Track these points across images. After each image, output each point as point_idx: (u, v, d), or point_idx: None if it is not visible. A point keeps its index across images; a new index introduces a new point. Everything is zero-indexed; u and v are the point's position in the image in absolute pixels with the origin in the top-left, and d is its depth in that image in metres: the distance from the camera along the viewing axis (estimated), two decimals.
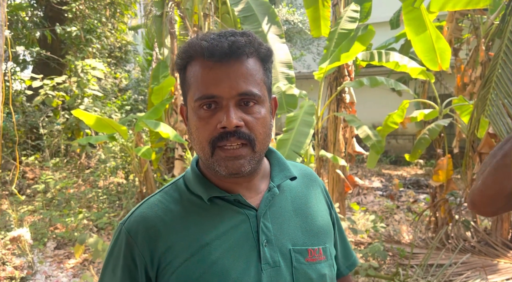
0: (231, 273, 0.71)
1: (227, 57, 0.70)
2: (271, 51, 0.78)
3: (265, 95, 0.75)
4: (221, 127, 0.70)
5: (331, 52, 3.72)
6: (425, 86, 7.20)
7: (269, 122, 0.76)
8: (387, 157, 10.46)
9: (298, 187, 0.86)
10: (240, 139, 0.71)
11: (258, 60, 0.75)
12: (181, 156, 5.00)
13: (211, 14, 5.19)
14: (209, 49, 0.70)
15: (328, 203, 0.91)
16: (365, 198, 6.26)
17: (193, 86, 0.74)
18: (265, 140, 0.75)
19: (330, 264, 0.82)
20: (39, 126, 6.48)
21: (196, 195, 0.78)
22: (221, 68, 0.71)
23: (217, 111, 0.71)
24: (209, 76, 0.71)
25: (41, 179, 5.52)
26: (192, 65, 0.74)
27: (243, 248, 0.74)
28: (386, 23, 7.56)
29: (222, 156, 0.71)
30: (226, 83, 0.70)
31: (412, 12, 3.51)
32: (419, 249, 3.74)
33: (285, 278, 0.75)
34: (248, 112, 0.72)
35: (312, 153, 4.14)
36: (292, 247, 0.77)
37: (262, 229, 0.76)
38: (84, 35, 7.08)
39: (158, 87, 4.75)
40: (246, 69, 0.72)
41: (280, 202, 0.81)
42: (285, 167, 0.85)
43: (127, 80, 9.47)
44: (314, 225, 0.83)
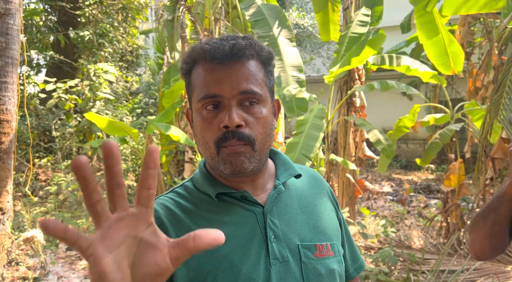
0: (242, 268, 0.73)
1: (228, 59, 0.73)
2: (272, 54, 0.80)
3: (266, 96, 0.77)
4: (223, 127, 0.72)
5: (341, 56, 3.72)
6: (436, 90, 7.14)
7: (270, 122, 0.78)
8: (397, 162, 10.38)
9: (303, 185, 0.88)
10: (240, 140, 0.73)
11: (259, 62, 0.77)
12: (191, 159, 5.03)
13: (222, 19, 5.23)
14: (211, 52, 0.73)
15: (335, 205, 0.92)
16: (375, 203, 6.21)
17: (196, 88, 0.76)
18: (265, 140, 0.77)
19: (339, 260, 0.83)
20: (52, 129, 6.59)
21: (205, 193, 0.80)
22: (222, 69, 0.73)
23: (220, 112, 0.74)
24: (211, 77, 0.74)
25: (53, 181, 5.60)
26: (195, 69, 0.77)
27: (252, 244, 0.75)
28: (396, 27, 7.54)
29: (226, 153, 0.73)
30: (228, 82, 0.73)
31: (425, 16, 3.50)
32: (430, 255, 3.70)
33: (294, 273, 0.76)
34: (249, 112, 0.74)
35: (322, 157, 4.13)
36: (300, 243, 0.79)
37: (269, 225, 0.77)
38: (96, 39, 7.19)
39: (169, 91, 4.80)
40: (247, 70, 0.75)
41: (286, 199, 0.83)
42: (290, 166, 0.87)
43: (138, 83, 9.57)
44: (321, 222, 0.84)
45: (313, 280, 0.77)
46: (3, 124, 2.71)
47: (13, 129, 2.78)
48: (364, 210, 4.73)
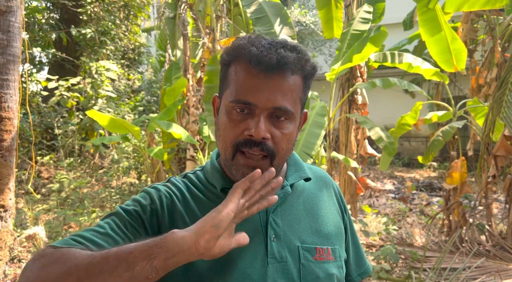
0: (238, 263, 0.73)
1: (272, 69, 0.71)
2: (316, 69, 0.79)
3: (297, 112, 0.77)
4: (248, 135, 0.72)
5: (343, 53, 3.71)
6: (438, 88, 7.12)
7: (294, 137, 0.78)
8: (399, 160, 10.35)
9: (311, 188, 0.87)
10: (263, 151, 0.72)
11: (301, 78, 0.76)
12: (192, 157, 5.03)
13: (224, 16, 5.22)
14: (257, 58, 0.71)
15: (342, 208, 0.91)
16: (377, 200, 6.20)
17: (231, 86, 0.75)
18: (286, 155, 0.77)
19: (339, 265, 0.82)
20: (54, 127, 6.60)
21: (212, 185, 0.81)
22: (264, 78, 0.72)
23: (248, 117, 0.73)
24: (250, 83, 0.72)
25: (55, 178, 5.62)
26: (236, 65, 0.75)
27: (251, 241, 0.75)
28: (399, 24, 7.51)
29: (242, 162, 0.73)
30: (265, 94, 0.72)
31: (427, 13, 3.48)
32: (432, 253, 3.70)
33: (292, 274, 0.75)
34: (277, 126, 0.73)
35: (323, 154, 4.13)
36: (300, 245, 0.78)
37: (271, 224, 0.77)
38: (98, 37, 7.20)
39: (170, 88, 4.80)
40: (287, 85, 0.73)
41: (292, 201, 0.83)
42: (300, 168, 0.86)
43: (140, 81, 9.58)
44: (324, 227, 0.84)
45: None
46: (5, 121, 2.72)
47: (15, 126, 2.79)
48: (366, 208, 4.73)
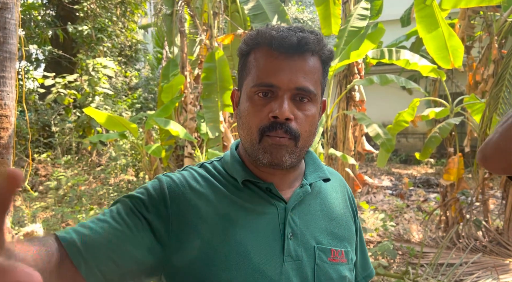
0: (253, 258, 0.72)
1: (293, 50, 0.72)
2: (333, 54, 0.79)
3: (319, 95, 0.77)
4: (272, 116, 0.72)
5: (341, 50, 3.71)
6: (436, 85, 7.13)
7: (316, 121, 0.77)
8: (397, 156, 10.39)
9: (328, 190, 0.87)
10: (287, 133, 0.72)
11: (320, 61, 0.76)
12: (190, 154, 5.03)
13: (221, 13, 5.21)
14: (278, 40, 0.72)
15: (353, 210, 0.91)
16: (374, 197, 6.23)
17: (252, 72, 0.75)
18: (309, 138, 0.76)
19: (351, 268, 0.83)
20: (51, 124, 6.58)
21: (232, 177, 0.80)
22: (285, 60, 0.72)
23: (272, 101, 0.73)
24: (271, 65, 0.73)
25: (53, 176, 5.61)
26: (256, 52, 0.76)
27: (268, 236, 0.74)
28: (396, 21, 7.50)
29: (269, 142, 0.73)
30: (287, 75, 0.72)
31: (424, 10, 3.48)
32: (429, 248, 3.72)
33: (307, 274, 0.75)
34: (300, 108, 0.74)
35: (321, 151, 4.13)
36: (316, 245, 0.78)
37: (289, 221, 0.76)
38: (95, 34, 7.16)
39: (168, 85, 4.79)
40: (308, 66, 0.74)
41: (310, 201, 0.82)
42: (320, 167, 0.86)
43: (137, 78, 9.56)
44: (339, 229, 0.84)
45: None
46: (2, 119, 2.71)
47: (11, 124, 2.78)
48: (364, 204, 4.74)
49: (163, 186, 0.75)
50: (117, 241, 0.67)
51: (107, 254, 0.66)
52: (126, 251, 0.68)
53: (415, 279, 2.88)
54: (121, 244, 0.68)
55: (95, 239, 0.67)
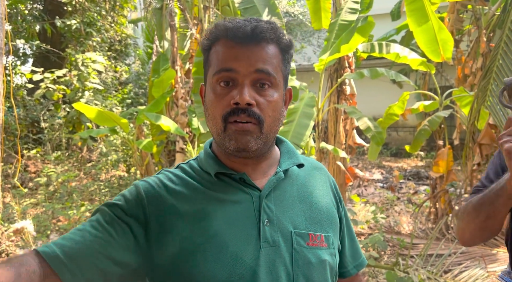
0: (230, 247, 0.74)
1: (248, 39, 0.75)
2: (292, 43, 0.82)
3: (280, 81, 0.78)
4: (234, 103, 0.73)
5: (331, 44, 3.71)
6: (426, 78, 7.19)
7: (280, 108, 0.79)
8: (387, 149, 10.47)
9: (305, 176, 0.89)
10: (250, 117, 0.74)
11: (278, 48, 0.79)
12: (182, 149, 5.02)
13: (211, 6, 5.17)
14: (233, 30, 0.75)
15: (337, 200, 0.92)
16: (365, 190, 6.29)
17: (213, 63, 0.78)
18: (274, 124, 0.78)
19: (332, 253, 0.83)
20: (40, 120, 6.50)
21: (206, 172, 0.82)
22: (242, 48, 0.75)
23: (233, 89, 0.75)
24: (229, 53, 0.76)
25: (43, 172, 5.56)
26: (216, 45, 0.79)
27: (244, 224, 0.76)
28: (387, 14, 7.53)
29: (233, 129, 0.75)
30: (245, 60, 0.75)
31: (414, 3, 3.50)
32: (419, 240, 3.78)
33: (284, 259, 0.76)
34: (261, 94, 0.76)
35: (312, 145, 4.15)
36: (293, 230, 0.79)
37: (264, 208, 0.78)
38: (84, 28, 7.07)
39: (158, 80, 4.76)
40: (266, 53, 0.76)
41: (285, 187, 0.84)
42: (294, 155, 0.88)
43: (128, 73, 9.47)
44: (318, 213, 0.84)
45: (302, 268, 0.77)
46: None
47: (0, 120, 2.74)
48: (355, 197, 4.79)
49: (139, 190, 0.78)
50: (99, 248, 0.69)
51: (91, 262, 0.68)
52: (109, 256, 0.70)
53: (405, 270, 2.92)
54: (103, 250, 0.70)
55: (78, 249, 0.68)
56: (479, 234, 1.04)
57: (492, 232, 1.04)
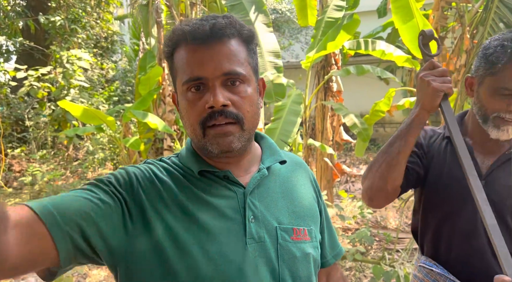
0: (215, 243, 0.73)
1: (209, 39, 0.73)
2: (253, 32, 0.80)
3: (250, 75, 0.78)
4: (208, 107, 0.73)
5: (318, 41, 3.73)
6: (411, 74, 7.26)
7: (256, 101, 0.79)
8: (375, 145, 10.57)
9: (287, 172, 0.89)
10: (228, 118, 0.73)
11: (241, 41, 0.77)
12: (170, 147, 4.99)
13: (198, 3, 5.14)
14: (192, 33, 0.73)
15: (317, 193, 0.94)
16: (353, 185, 6.35)
17: (180, 71, 0.76)
18: (254, 118, 0.78)
19: (315, 246, 0.85)
20: (25, 118, 6.40)
21: (189, 169, 0.81)
22: (204, 50, 0.73)
23: (205, 93, 0.74)
24: (193, 59, 0.74)
25: (28, 171, 5.48)
26: (177, 51, 0.77)
27: (230, 222, 0.76)
28: (373, 11, 7.59)
29: (213, 133, 0.74)
30: (210, 64, 0.73)
31: (400, 0, 3.54)
32: (405, 234, 3.84)
33: (270, 254, 0.77)
34: (234, 91, 0.75)
35: (300, 141, 4.17)
36: (278, 225, 0.80)
37: (249, 205, 0.78)
38: (68, 25, 6.96)
39: (145, 77, 4.72)
40: (229, 49, 0.75)
41: (269, 183, 0.84)
42: (275, 152, 0.88)
43: (114, 70, 9.36)
44: (301, 208, 0.86)
45: (288, 262, 0.78)
46: None
47: None
48: (342, 193, 4.83)
49: (129, 173, 0.76)
50: (89, 211, 0.67)
51: (78, 221, 0.65)
52: (95, 223, 0.67)
53: (391, 264, 2.97)
54: (92, 214, 0.67)
55: (69, 204, 0.66)
56: (388, 175, 1.07)
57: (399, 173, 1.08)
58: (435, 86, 0.99)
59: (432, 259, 1.19)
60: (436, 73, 1.02)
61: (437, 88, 0.99)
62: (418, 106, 1.03)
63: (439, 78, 1.01)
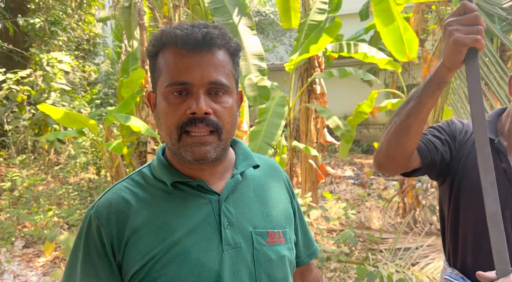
0: (192, 254, 0.74)
1: (199, 46, 0.74)
2: (240, 46, 0.82)
3: (233, 87, 0.79)
4: (190, 113, 0.73)
5: (301, 44, 3.76)
6: (394, 76, 7.38)
7: (235, 112, 0.80)
8: (359, 146, 10.69)
9: (260, 176, 0.90)
10: (208, 126, 0.74)
11: (228, 53, 0.79)
12: (153, 150, 4.94)
13: (182, 5, 5.11)
14: (183, 38, 0.73)
15: (290, 193, 0.95)
16: (337, 187, 6.40)
17: (164, 72, 0.76)
18: (231, 129, 0.79)
19: (290, 247, 0.86)
20: (4, 122, 6.24)
21: (161, 181, 0.80)
22: (193, 56, 0.74)
23: (187, 98, 0.74)
24: (181, 63, 0.74)
25: (7, 177, 5.34)
26: (164, 52, 0.77)
27: (205, 230, 0.77)
28: (356, 14, 7.68)
29: (188, 141, 0.74)
30: (198, 71, 0.73)
31: (381, 4, 3.59)
32: (388, 234, 3.88)
33: (246, 259, 0.78)
34: (216, 101, 0.75)
35: (284, 144, 4.18)
36: (253, 230, 0.81)
37: (224, 212, 0.79)
38: (48, 27, 6.82)
39: (127, 80, 4.66)
40: (217, 60, 0.76)
41: (243, 189, 0.85)
42: (249, 156, 0.89)
43: (97, 73, 9.22)
44: (275, 211, 0.87)
45: (264, 265, 0.79)
46: None
47: None
48: (327, 194, 4.87)
49: (93, 220, 0.77)
50: None
51: None
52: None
53: (374, 264, 3.00)
54: None
55: None
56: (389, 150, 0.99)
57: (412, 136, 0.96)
58: (457, 38, 0.81)
59: (460, 272, 1.09)
60: (464, 20, 0.82)
61: (458, 40, 0.81)
62: (439, 62, 0.88)
63: (465, 27, 0.81)
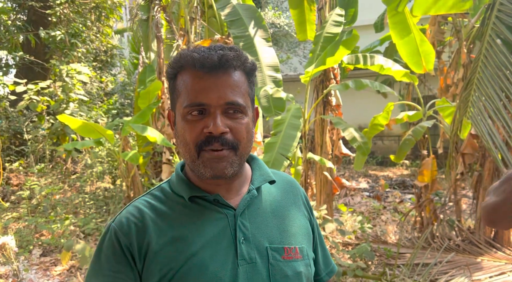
0: (209, 267, 0.76)
1: (216, 68, 0.77)
2: (255, 66, 0.85)
3: (248, 106, 0.82)
4: (207, 132, 0.76)
5: (316, 56, 3.76)
6: (409, 88, 7.31)
7: (251, 129, 0.82)
8: (373, 158, 10.58)
9: (277, 191, 0.91)
10: (223, 145, 0.76)
11: (244, 74, 0.81)
12: (168, 160, 4.98)
13: (198, 18, 5.20)
14: (200, 61, 0.76)
15: (308, 210, 0.95)
16: (352, 199, 6.32)
17: (183, 94, 0.79)
18: (247, 145, 0.81)
19: (307, 263, 0.86)
20: (23, 132, 6.38)
21: (179, 195, 0.83)
22: (210, 78, 0.77)
23: (205, 117, 0.77)
24: (199, 85, 0.77)
25: (25, 185, 5.44)
26: (182, 74, 0.80)
27: (221, 244, 0.78)
28: (370, 25, 7.67)
29: (207, 157, 0.77)
30: (215, 92, 0.76)
31: (397, 16, 3.59)
32: (406, 249, 3.80)
33: (262, 274, 0.79)
34: (233, 118, 0.78)
35: (299, 155, 4.16)
36: (269, 245, 0.81)
37: (239, 227, 0.80)
38: (68, 39, 7.01)
39: (144, 91, 4.74)
40: (233, 80, 0.78)
41: (259, 204, 0.86)
42: (265, 172, 0.90)
43: (113, 84, 9.39)
44: (291, 227, 0.87)
45: (280, 281, 0.79)
46: None
47: None
48: (342, 206, 4.81)
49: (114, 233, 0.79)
50: None
51: None
52: None
53: (392, 279, 2.94)
54: None
55: None
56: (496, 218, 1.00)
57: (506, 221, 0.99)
58: None
59: None
60: None
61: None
62: None
63: None
